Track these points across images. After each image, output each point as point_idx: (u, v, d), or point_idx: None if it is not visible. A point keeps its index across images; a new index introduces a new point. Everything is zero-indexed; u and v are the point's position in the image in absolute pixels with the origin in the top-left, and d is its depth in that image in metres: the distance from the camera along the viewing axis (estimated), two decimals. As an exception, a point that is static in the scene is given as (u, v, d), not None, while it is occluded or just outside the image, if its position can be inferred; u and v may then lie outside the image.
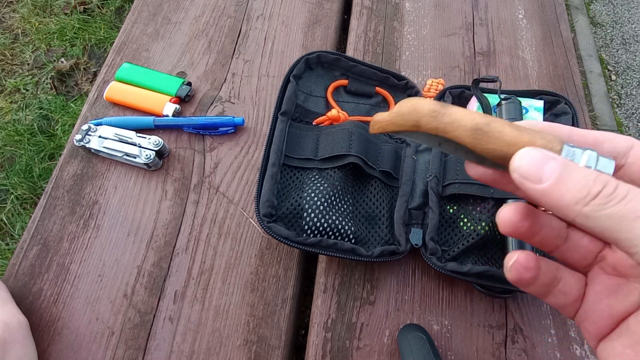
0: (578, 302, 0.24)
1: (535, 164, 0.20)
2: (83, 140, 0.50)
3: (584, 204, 0.18)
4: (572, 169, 0.19)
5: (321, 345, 0.42)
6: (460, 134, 0.23)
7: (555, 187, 0.19)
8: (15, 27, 1.61)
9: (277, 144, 0.45)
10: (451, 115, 0.23)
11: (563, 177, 0.19)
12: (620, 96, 1.85)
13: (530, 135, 0.22)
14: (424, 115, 0.23)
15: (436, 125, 0.23)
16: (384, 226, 0.45)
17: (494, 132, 0.22)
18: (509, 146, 0.22)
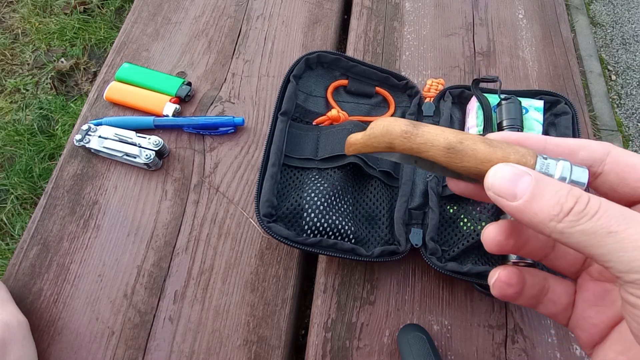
0: (569, 309, 0.24)
1: (508, 182, 0.20)
2: (83, 140, 0.50)
3: (557, 220, 0.18)
4: (544, 184, 0.19)
5: (321, 345, 0.42)
6: (434, 154, 0.23)
7: (528, 204, 0.19)
8: (15, 27, 1.61)
9: (277, 144, 0.45)
10: (423, 135, 0.23)
11: (536, 193, 0.19)
12: (620, 96, 1.85)
13: (503, 150, 0.22)
14: (396, 137, 0.23)
15: (409, 146, 0.23)
16: (384, 226, 0.45)
17: (467, 150, 0.22)
18: (483, 163, 0.22)
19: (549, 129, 0.50)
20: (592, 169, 0.23)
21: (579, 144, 0.23)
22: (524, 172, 0.20)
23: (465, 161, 0.22)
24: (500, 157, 0.22)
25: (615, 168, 0.22)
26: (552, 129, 0.50)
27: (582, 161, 0.23)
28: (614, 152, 0.22)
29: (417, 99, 0.52)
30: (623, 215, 0.18)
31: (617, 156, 0.22)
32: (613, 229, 0.17)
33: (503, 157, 0.22)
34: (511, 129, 0.46)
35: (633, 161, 0.22)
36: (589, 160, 0.23)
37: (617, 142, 1.70)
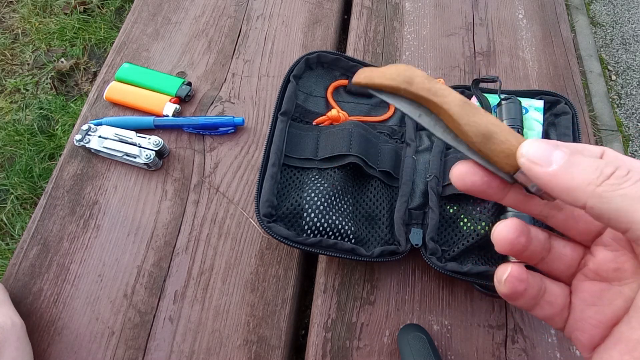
0: (565, 311, 0.24)
1: (543, 149, 0.19)
2: (83, 140, 0.50)
3: (596, 184, 0.17)
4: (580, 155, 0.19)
5: (321, 345, 0.42)
6: (449, 102, 0.22)
7: (565, 169, 0.19)
8: (15, 27, 1.61)
9: (277, 144, 0.45)
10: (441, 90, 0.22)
11: (573, 160, 0.19)
12: (620, 96, 1.85)
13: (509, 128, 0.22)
14: (418, 75, 0.22)
15: (428, 87, 0.22)
16: (384, 226, 0.45)
17: (479, 111, 0.22)
18: (492, 124, 0.22)
19: (549, 129, 0.50)
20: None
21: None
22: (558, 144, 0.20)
23: (478, 117, 0.22)
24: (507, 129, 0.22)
25: None
26: (552, 129, 0.50)
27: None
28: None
29: (417, 99, 0.52)
30: None
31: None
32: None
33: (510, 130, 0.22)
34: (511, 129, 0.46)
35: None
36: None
37: (617, 142, 1.70)
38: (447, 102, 0.22)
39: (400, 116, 0.53)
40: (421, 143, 0.49)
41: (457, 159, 0.45)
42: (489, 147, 0.22)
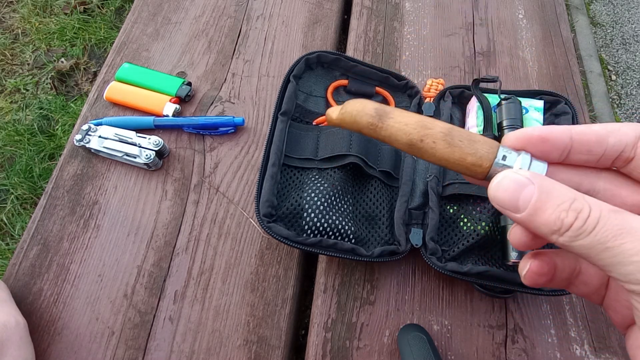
0: (602, 289, 0.24)
1: (510, 194, 0.20)
2: (83, 140, 0.50)
3: (558, 234, 0.19)
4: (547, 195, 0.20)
5: (321, 345, 0.42)
6: (398, 146, 0.24)
7: (532, 217, 0.20)
8: (15, 27, 1.61)
9: (277, 144, 0.45)
10: (387, 130, 0.24)
11: (538, 206, 0.20)
12: (620, 96, 1.85)
13: (461, 151, 0.23)
14: (363, 127, 0.24)
15: (375, 136, 0.24)
16: (384, 226, 0.45)
17: (426, 149, 0.23)
18: (441, 161, 0.23)
19: (549, 129, 0.50)
20: (624, 154, 0.22)
21: (607, 129, 0.22)
22: (526, 182, 0.20)
23: (425, 157, 0.24)
24: (457, 158, 0.23)
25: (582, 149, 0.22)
26: (552, 129, 0.50)
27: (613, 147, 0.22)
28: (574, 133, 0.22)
29: (417, 99, 0.52)
30: (621, 229, 0.18)
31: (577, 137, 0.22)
32: (609, 245, 0.18)
33: (460, 158, 0.23)
34: (511, 129, 0.46)
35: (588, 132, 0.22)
36: (620, 145, 0.22)
37: (617, 142, 1.70)
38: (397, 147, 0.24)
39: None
40: (421, 143, 0.49)
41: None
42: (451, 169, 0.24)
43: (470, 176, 0.24)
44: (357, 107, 0.24)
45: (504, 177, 0.21)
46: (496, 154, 0.22)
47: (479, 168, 0.23)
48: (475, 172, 0.23)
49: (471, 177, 0.24)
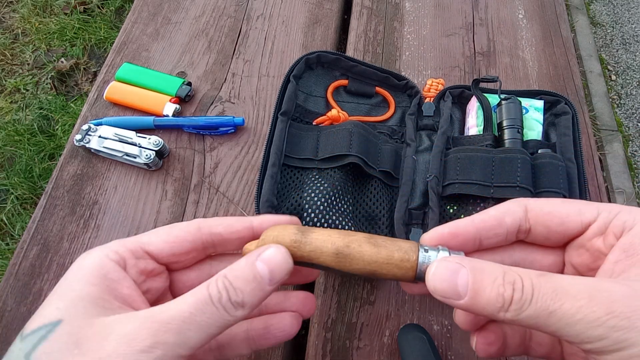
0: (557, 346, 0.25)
1: (447, 282, 0.21)
2: (83, 140, 0.50)
3: (504, 311, 0.20)
4: (480, 274, 0.21)
5: (321, 345, 0.42)
6: (325, 260, 0.24)
7: (474, 301, 0.20)
8: (15, 27, 1.61)
9: (277, 144, 0.45)
10: (312, 243, 0.24)
11: (477, 287, 0.20)
12: (620, 96, 1.85)
13: (387, 249, 0.24)
14: (288, 245, 0.24)
15: (300, 254, 0.24)
16: (384, 226, 0.45)
17: (354, 254, 0.24)
18: (370, 264, 0.24)
19: (549, 129, 0.50)
20: (522, 227, 0.24)
21: (501, 211, 0.24)
22: (457, 266, 0.21)
23: (354, 264, 0.24)
24: (384, 256, 0.24)
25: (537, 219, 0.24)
26: (552, 129, 0.50)
27: (511, 225, 0.24)
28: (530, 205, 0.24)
29: (417, 99, 0.52)
30: (555, 291, 0.19)
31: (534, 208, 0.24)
32: (551, 309, 0.19)
33: (387, 256, 0.24)
34: (511, 129, 0.46)
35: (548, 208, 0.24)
36: (517, 222, 0.24)
37: (617, 142, 1.70)
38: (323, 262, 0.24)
39: (400, 116, 0.53)
40: (421, 143, 0.49)
41: (458, 159, 0.45)
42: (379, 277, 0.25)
43: (401, 276, 0.24)
44: (277, 230, 0.25)
45: (437, 266, 0.22)
46: (418, 249, 0.24)
47: (407, 263, 0.24)
48: (405, 268, 0.24)
49: (403, 281, 0.25)
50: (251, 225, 0.26)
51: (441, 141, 0.48)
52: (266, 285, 0.23)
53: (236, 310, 0.22)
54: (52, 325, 0.20)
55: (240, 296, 0.22)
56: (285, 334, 0.26)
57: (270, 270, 0.23)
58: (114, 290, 0.22)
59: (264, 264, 0.23)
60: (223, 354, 0.26)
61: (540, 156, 0.44)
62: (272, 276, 0.23)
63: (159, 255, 0.25)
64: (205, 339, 0.21)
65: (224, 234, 0.26)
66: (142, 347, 0.19)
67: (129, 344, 0.20)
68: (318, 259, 0.24)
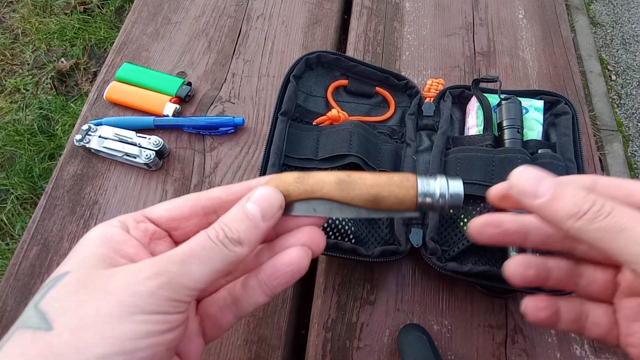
0: (614, 329, 0.25)
1: (531, 182, 0.22)
2: (83, 140, 0.50)
3: (576, 219, 0.20)
4: (563, 188, 0.21)
5: (321, 345, 0.42)
6: (328, 190, 0.25)
7: (550, 203, 0.21)
8: (15, 27, 1.61)
9: (277, 144, 0.45)
10: (314, 176, 0.26)
11: (557, 194, 0.21)
12: (620, 96, 1.85)
13: (387, 174, 0.25)
14: (290, 183, 0.25)
15: (304, 188, 0.26)
16: (384, 226, 0.45)
17: (356, 180, 0.25)
18: (372, 187, 0.25)
19: (549, 129, 0.50)
20: None
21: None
22: (546, 175, 0.22)
23: (357, 189, 0.25)
24: (385, 178, 0.25)
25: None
26: (552, 129, 0.50)
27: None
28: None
29: (417, 99, 0.52)
30: (633, 215, 0.20)
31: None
32: (625, 226, 0.20)
33: (388, 177, 0.25)
34: (511, 129, 0.46)
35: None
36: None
37: (617, 142, 1.70)
38: (326, 193, 0.25)
39: (400, 116, 0.53)
40: (421, 143, 0.49)
41: (458, 159, 0.45)
42: (382, 206, 0.25)
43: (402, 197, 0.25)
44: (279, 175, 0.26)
45: (525, 168, 0.23)
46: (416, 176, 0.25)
47: (407, 182, 0.25)
48: (407, 187, 0.25)
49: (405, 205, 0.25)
50: (250, 186, 0.27)
51: (441, 141, 0.48)
52: (259, 222, 0.24)
53: (235, 247, 0.23)
54: (60, 276, 0.21)
55: (236, 234, 0.23)
56: (293, 268, 0.26)
57: (261, 209, 0.24)
58: (119, 250, 0.23)
59: (254, 203, 0.24)
60: (240, 307, 0.27)
61: (540, 156, 0.44)
62: (264, 213, 0.24)
63: (159, 220, 0.26)
64: (210, 273, 0.22)
65: (223, 197, 0.26)
66: (147, 275, 0.20)
67: (134, 275, 0.20)
68: (321, 190, 0.25)
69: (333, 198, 0.25)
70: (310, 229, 0.28)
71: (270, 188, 0.25)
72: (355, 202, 0.25)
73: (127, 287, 0.20)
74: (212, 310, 0.26)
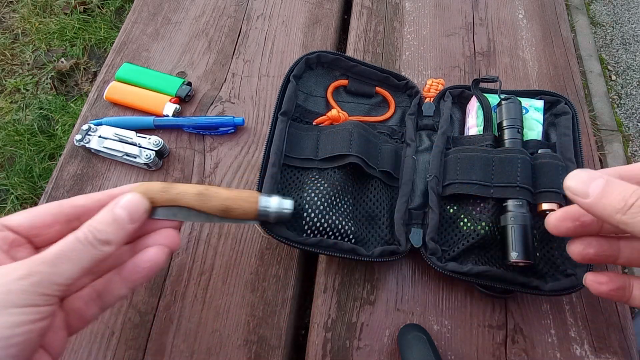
0: None
1: (582, 183, 0.25)
2: (83, 140, 0.50)
3: (622, 213, 0.23)
4: (612, 185, 0.24)
5: (321, 345, 0.42)
6: (189, 200, 0.32)
7: (598, 200, 0.24)
8: (15, 27, 1.61)
9: (277, 144, 0.45)
10: (178, 188, 0.32)
11: (605, 192, 0.24)
12: (620, 96, 1.85)
13: (238, 190, 0.34)
14: (157, 192, 0.31)
15: (168, 197, 0.31)
16: (384, 226, 0.45)
17: (212, 193, 0.32)
18: (225, 200, 0.33)
19: (549, 129, 0.50)
20: None
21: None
22: (597, 175, 0.25)
23: (213, 201, 0.32)
24: (236, 193, 0.33)
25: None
26: (552, 129, 0.50)
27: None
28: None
29: (417, 98, 0.52)
30: None
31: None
32: None
33: (238, 193, 0.34)
34: (511, 129, 0.46)
35: None
36: None
37: (617, 142, 1.70)
38: (187, 202, 0.32)
39: (400, 116, 0.53)
40: (421, 143, 0.49)
41: (458, 159, 0.45)
42: (231, 215, 0.33)
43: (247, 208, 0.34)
44: (147, 183, 0.32)
45: (578, 171, 0.26)
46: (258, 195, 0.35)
47: (252, 198, 0.34)
48: (250, 202, 0.34)
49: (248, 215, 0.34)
50: (112, 194, 0.30)
51: (441, 141, 0.48)
52: (127, 225, 0.28)
53: (102, 246, 0.26)
54: None
55: (105, 235, 0.26)
56: (152, 264, 0.30)
57: (128, 212, 0.28)
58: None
59: (122, 208, 0.28)
60: (104, 301, 0.30)
61: (540, 156, 0.44)
62: (131, 216, 0.28)
63: (19, 228, 0.28)
64: (79, 271, 0.25)
65: (87, 205, 0.29)
66: (20, 275, 0.23)
67: (6, 276, 0.23)
68: (183, 199, 0.31)
69: (193, 207, 0.32)
70: (167, 231, 0.32)
71: (138, 195, 0.29)
72: (210, 211, 0.32)
73: (1, 286, 0.23)
74: (77, 305, 0.29)
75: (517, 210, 0.41)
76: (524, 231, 0.40)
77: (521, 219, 0.40)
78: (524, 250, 0.39)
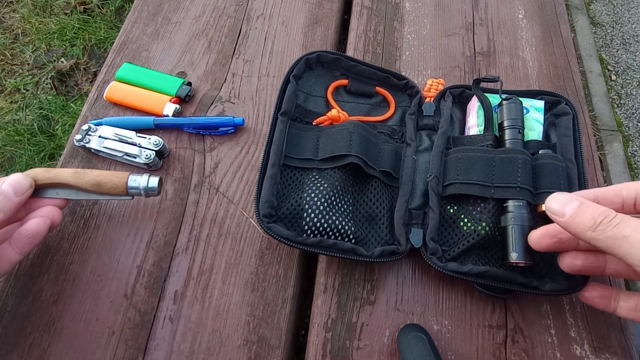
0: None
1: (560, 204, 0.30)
2: (83, 140, 0.50)
3: (592, 230, 0.27)
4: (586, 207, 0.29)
5: (321, 345, 0.42)
6: (66, 177, 0.39)
7: (573, 219, 0.29)
8: (15, 27, 1.61)
9: (277, 144, 0.45)
10: (56, 169, 0.39)
11: (579, 212, 0.29)
12: (620, 96, 1.85)
13: (107, 170, 0.43)
14: (38, 172, 0.38)
15: (48, 176, 0.39)
16: (384, 226, 0.45)
17: (87, 172, 0.40)
18: (98, 176, 0.40)
19: (550, 129, 0.50)
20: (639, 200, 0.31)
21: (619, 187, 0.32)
22: (574, 197, 0.30)
23: (87, 176, 0.40)
24: (107, 172, 0.41)
25: None
26: (553, 129, 0.50)
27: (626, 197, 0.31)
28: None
29: (417, 98, 0.52)
30: (637, 225, 0.26)
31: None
32: (626, 234, 0.25)
33: (110, 172, 0.41)
34: (512, 129, 0.46)
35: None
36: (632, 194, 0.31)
37: (617, 142, 1.70)
38: (65, 180, 0.39)
39: (401, 116, 0.53)
40: (421, 143, 0.49)
41: (458, 159, 0.45)
42: (104, 189, 0.40)
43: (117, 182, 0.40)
44: (34, 169, 0.38)
45: (558, 194, 0.31)
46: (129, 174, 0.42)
47: (122, 175, 0.41)
48: (121, 177, 0.41)
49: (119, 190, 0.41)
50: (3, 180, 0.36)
51: (441, 141, 0.48)
52: (13, 197, 0.36)
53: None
54: None
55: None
56: (33, 231, 0.37)
57: (13, 187, 0.36)
58: None
59: (7, 185, 0.36)
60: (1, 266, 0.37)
61: (540, 157, 0.44)
62: (16, 190, 0.36)
63: None
64: None
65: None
66: None
67: None
68: (62, 176, 0.38)
69: (69, 183, 0.39)
70: (49, 207, 0.39)
71: (21, 174, 0.37)
72: (85, 186, 0.39)
73: None
74: None
75: (517, 210, 0.41)
76: (524, 232, 0.40)
77: (521, 219, 0.40)
78: (524, 250, 0.39)
